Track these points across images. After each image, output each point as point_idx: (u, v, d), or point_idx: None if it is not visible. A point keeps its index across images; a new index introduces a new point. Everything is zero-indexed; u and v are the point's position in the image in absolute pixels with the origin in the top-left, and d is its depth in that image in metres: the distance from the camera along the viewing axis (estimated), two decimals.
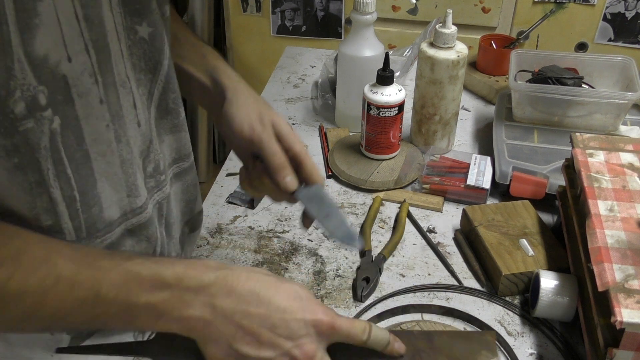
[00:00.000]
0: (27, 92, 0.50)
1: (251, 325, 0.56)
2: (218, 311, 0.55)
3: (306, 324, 0.57)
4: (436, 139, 1.16)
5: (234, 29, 2.20)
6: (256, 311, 0.56)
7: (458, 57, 1.08)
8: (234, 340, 0.55)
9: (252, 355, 0.56)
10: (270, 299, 0.57)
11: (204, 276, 0.56)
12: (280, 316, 0.57)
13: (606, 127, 1.13)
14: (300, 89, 1.42)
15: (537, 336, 0.83)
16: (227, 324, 0.55)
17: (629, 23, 1.93)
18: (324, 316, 0.58)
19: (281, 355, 0.56)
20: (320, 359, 0.58)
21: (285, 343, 0.56)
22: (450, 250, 0.97)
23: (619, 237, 0.75)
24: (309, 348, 0.57)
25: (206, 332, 0.55)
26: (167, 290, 0.54)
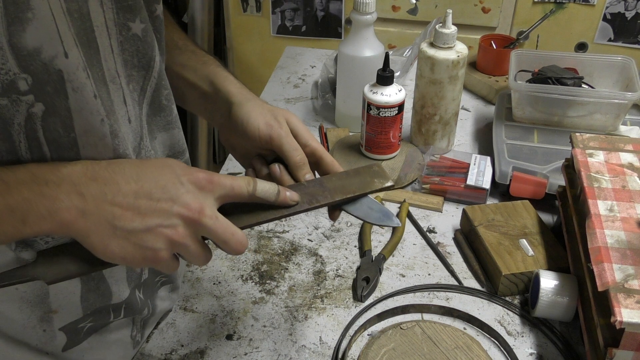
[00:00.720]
0: (5, 76, 0.50)
1: (126, 200, 0.54)
2: (88, 197, 0.53)
3: (182, 183, 0.56)
4: (436, 139, 1.16)
5: (234, 29, 2.20)
6: (127, 187, 0.54)
7: (458, 57, 1.08)
8: (115, 220, 0.53)
9: (139, 228, 0.54)
10: (137, 173, 0.55)
11: (62, 168, 0.54)
12: (154, 183, 0.55)
13: (606, 127, 1.13)
14: (300, 89, 1.42)
15: (537, 336, 0.83)
16: (101, 207, 0.53)
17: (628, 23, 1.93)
18: (201, 173, 0.57)
19: (167, 217, 0.55)
20: (211, 213, 0.56)
21: (166, 205, 0.55)
22: (450, 250, 0.97)
23: (618, 237, 0.75)
24: (195, 203, 0.55)
25: (83, 221, 0.53)
26: (24, 187, 0.51)
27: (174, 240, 0.55)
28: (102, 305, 0.68)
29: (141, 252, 0.54)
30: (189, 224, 0.55)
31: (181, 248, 0.56)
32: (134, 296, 0.72)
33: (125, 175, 0.55)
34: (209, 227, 0.56)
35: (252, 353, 0.80)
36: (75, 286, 0.65)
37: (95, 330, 0.70)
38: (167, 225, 0.55)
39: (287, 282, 0.90)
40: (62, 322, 0.66)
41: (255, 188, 0.59)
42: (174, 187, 0.55)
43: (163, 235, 0.55)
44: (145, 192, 0.54)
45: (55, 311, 0.65)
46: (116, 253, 0.54)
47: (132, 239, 0.54)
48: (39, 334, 0.66)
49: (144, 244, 0.54)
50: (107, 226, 0.53)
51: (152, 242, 0.54)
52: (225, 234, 0.57)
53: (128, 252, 0.54)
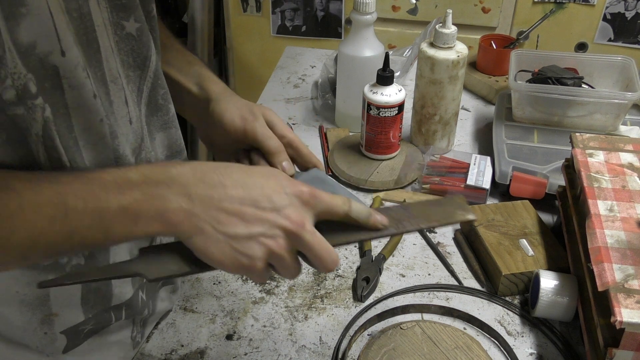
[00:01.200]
0: (18, 81, 0.51)
1: (232, 205, 0.54)
2: (195, 199, 0.54)
3: (288, 195, 0.56)
4: (436, 139, 1.16)
5: (234, 29, 2.20)
6: (234, 191, 0.55)
7: (458, 57, 1.08)
8: (219, 225, 0.54)
9: (242, 234, 0.54)
10: (245, 179, 0.56)
11: (171, 169, 0.55)
12: (260, 191, 0.55)
13: (606, 127, 1.13)
14: (300, 89, 1.42)
15: (537, 336, 0.83)
16: (207, 209, 0.54)
17: (628, 23, 1.93)
18: (304, 187, 0.57)
19: (270, 227, 0.55)
20: (311, 228, 0.57)
21: (271, 215, 0.55)
22: (450, 250, 0.97)
23: (618, 237, 0.75)
24: (297, 216, 0.56)
25: (188, 223, 0.54)
26: (136, 189, 0.53)
27: (273, 251, 0.55)
28: (103, 308, 0.68)
29: (239, 259, 0.55)
30: (290, 236, 0.56)
31: (277, 259, 0.56)
32: (136, 297, 0.72)
33: (233, 180, 0.56)
34: (307, 242, 0.56)
35: (252, 353, 0.80)
36: (75, 288, 0.65)
37: (95, 332, 0.70)
38: (269, 235, 0.55)
39: (287, 282, 0.90)
40: (64, 326, 0.66)
41: (350, 208, 0.59)
42: (279, 197, 0.56)
43: (263, 245, 0.55)
44: (251, 199, 0.55)
45: (56, 314, 0.65)
46: (215, 256, 0.55)
47: (233, 245, 0.54)
48: (40, 337, 0.66)
49: (243, 250, 0.55)
50: (211, 230, 0.54)
51: (252, 250, 0.55)
52: (321, 250, 0.57)
53: (227, 257, 0.55)
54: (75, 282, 0.60)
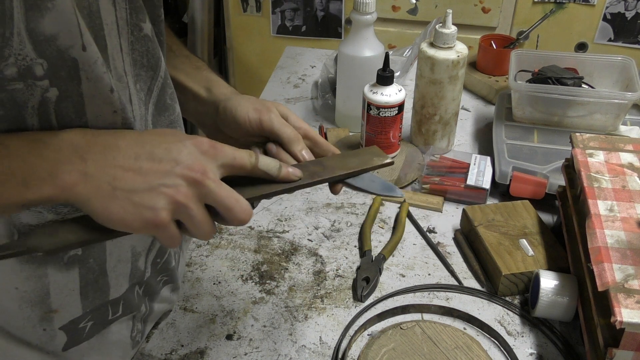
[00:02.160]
0: (23, 62, 0.51)
1: (127, 161, 0.53)
2: (88, 160, 0.52)
3: (185, 145, 0.55)
4: (436, 139, 1.16)
5: (234, 29, 2.20)
6: (128, 149, 0.54)
7: (458, 57, 1.08)
8: (115, 181, 0.52)
9: (140, 188, 0.53)
10: (139, 137, 0.55)
11: (62, 133, 0.53)
12: (157, 146, 0.54)
13: (606, 127, 1.13)
14: (300, 89, 1.42)
15: (537, 336, 0.83)
16: (102, 168, 0.52)
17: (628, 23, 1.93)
18: (204, 139, 0.56)
19: (170, 177, 0.53)
20: (214, 177, 0.55)
21: (169, 165, 0.53)
22: (450, 250, 0.97)
23: (618, 237, 0.75)
24: (197, 164, 0.54)
25: (84, 184, 0.52)
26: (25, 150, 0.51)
27: (176, 200, 0.53)
28: (101, 302, 0.68)
29: (142, 212, 0.53)
30: (192, 185, 0.54)
31: (183, 211, 0.54)
32: (131, 292, 0.72)
33: (127, 139, 0.54)
34: (212, 190, 0.54)
35: (252, 353, 0.80)
36: (74, 282, 0.65)
37: (97, 331, 0.70)
38: (170, 185, 0.53)
39: (287, 282, 0.90)
40: (62, 321, 0.66)
41: (257, 160, 0.58)
42: (176, 148, 0.54)
43: (165, 195, 0.53)
44: (147, 153, 0.54)
45: (56, 311, 0.65)
46: (115, 215, 0.53)
47: (133, 199, 0.52)
48: (40, 333, 0.66)
49: (144, 203, 0.53)
50: (108, 188, 0.52)
51: (153, 201, 0.53)
52: (230, 199, 0.55)
53: (128, 213, 0.53)
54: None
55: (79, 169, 0.52)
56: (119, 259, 0.68)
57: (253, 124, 0.70)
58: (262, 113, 0.70)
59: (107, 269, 0.67)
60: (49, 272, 0.63)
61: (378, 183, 0.68)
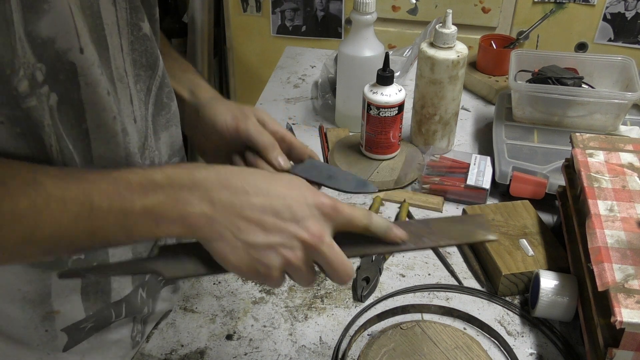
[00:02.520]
0: (28, 70, 0.51)
1: (253, 213, 0.55)
2: (217, 204, 0.54)
3: (309, 206, 0.56)
4: (436, 139, 1.16)
5: (234, 29, 2.20)
6: (256, 200, 0.55)
7: (458, 57, 1.08)
8: (238, 232, 0.54)
9: (260, 243, 0.55)
10: (268, 187, 0.56)
11: (196, 173, 0.55)
12: (282, 201, 0.56)
13: (606, 127, 1.13)
14: (300, 89, 1.42)
15: (537, 336, 0.83)
16: (228, 216, 0.54)
17: (628, 23, 1.93)
18: (326, 199, 0.58)
19: (289, 238, 0.55)
20: (329, 241, 0.57)
21: (290, 226, 0.55)
22: (450, 250, 0.97)
23: (618, 237, 0.75)
24: (316, 228, 0.56)
25: (209, 228, 0.54)
26: (160, 191, 0.53)
27: (290, 262, 0.55)
28: (104, 305, 0.68)
29: (256, 266, 0.55)
30: (307, 248, 0.56)
31: (294, 270, 0.56)
32: (135, 294, 0.72)
33: (256, 188, 0.56)
34: (325, 255, 0.56)
35: (252, 353, 0.80)
36: (75, 282, 0.65)
37: (96, 329, 0.70)
38: (288, 246, 0.55)
39: (287, 282, 0.90)
40: (64, 323, 0.66)
41: (370, 222, 0.59)
42: (300, 208, 0.56)
43: (281, 255, 0.55)
44: (272, 208, 0.55)
45: (57, 311, 0.65)
46: (233, 262, 0.55)
47: (251, 253, 0.55)
48: (41, 334, 0.66)
49: (261, 259, 0.55)
50: (231, 236, 0.54)
51: (269, 260, 0.55)
52: (337, 263, 0.57)
53: (244, 264, 0.55)
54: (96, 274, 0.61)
55: (208, 213, 0.54)
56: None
57: (231, 131, 0.71)
58: (239, 121, 0.71)
59: None
60: (53, 276, 0.63)
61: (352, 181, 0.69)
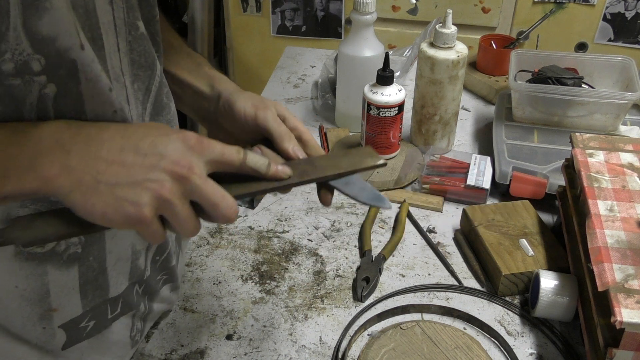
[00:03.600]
0: (19, 57, 0.50)
1: (111, 154, 0.51)
2: (71, 151, 0.51)
3: (171, 139, 0.53)
4: (436, 139, 1.16)
5: (234, 29, 2.20)
6: (114, 142, 0.52)
7: (458, 57, 1.08)
8: (98, 174, 0.51)
9: (124, 181, 0.51)
10: (124, 129, 0.53)
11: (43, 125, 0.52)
12: (142, 139, 0.53)
13: (606, 127, 1.13)
14: (300, 89, 1.42)
15: (537, 336, 0.83)
16: (85, 160, 0.51)
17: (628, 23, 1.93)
18: (191, 134, 0.54)
19: (154, 171, 0.52)
20: (200, 172, 0.53)
21: (154, 159, 0.52)
22: (450, 250, 0.97)
23: (618, 237, 0.75)
24: (183, 159, 0.52)
25: (66, 176, 0.51)
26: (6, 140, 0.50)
27: (160, 196, 0.51)
28: (101, 300, 0.68)
29: (124, 207, 0.51)
30: (177, 180, 0.52)
31: (167, 207, 0.53)
32: (130, 291, 0.72)
33: (111, 131, 0.53)
34: (198, 187, 0.53)
35: (252, 353, 0.80)
36: (73, 280, 0.65)
37: (98, 331, 0.70)
38: (154, 180, 0.51)
39: (287, 282, 0.90)
40: (62, 320, 0.66)
41: (245, 157, 0.57)
42: (162, 142, 0.53)
43: (149, 190, 0.51)
44: (132, 146, 0.52)
45: (55, 309, 0.65)
46: (97, 209, 0.51)
47: (116, 192, 0.51)
48: (39, 332, 0.66)
49: (127, 197, 0.51)
50: (91, 180, 0.51)
51: (136, 196, 0.51)
52: (215, 195, 0.53)
53: (110, 207, 0.51)
54: None
55: (61, 160, 0.51)
56: (119, 257, 0.68)
57: (248, 119, 0.70)
58: (259, 109, 0.69)
59: (106, 267, 0.67)
60: (49, 271, 0.63)
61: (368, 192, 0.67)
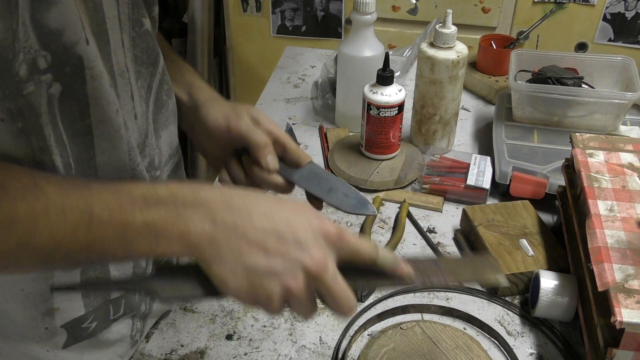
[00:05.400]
0: (28, 55, 0.51)
1: (256, 235, 0.53)
2: (220, 225, 0.53)
3: (314, 233, 0.54)
4: (436, 139, 1.16)
5: (234, 29, 2.20)
6: (259, 222, 0.53)
7: (458, 57, 1.08)
8: (240, 254, 0.52)
9: (262, 267, 0.53)
10: (273, 211, 0.54)
11: (201, 192, 0.54)
12: (286, 225, 0.54)
13: (606, 127, 1.13)
14: (300, 89, 1.42)
15: (537, 336, 0.83)
16: (231, 238, 0.53)
17: (628, 23, 1.93)
18: (332, 226, 0.55)
19: (292, 264, 0.53)
20: (333, 270, 0.54)
21: (294, 251, 0.53)
22: (450, 250, 0.97)
23: (618, 237, 0.75)
24: (320, 256, 0.53)
25: (210, 248, 0.53)
26: (163, 207, 0.52)
27: (291, 291, 0.53)
28: (103, 301, 0.68)
29: (256, 293, 0.53)
30: (310, 276, 0.54)
31: (294, 299, 0.54)
32: None
33: (260, 210, 0.54)
34: (328, 285, 0.54)
35: (252, 353, 0.80)
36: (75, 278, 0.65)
37: (99, 331, 0.70)
38: (290, 273, 0.53)
39: None
40: (64, 319, 0.66)
41: (377, 255, 0.57)
42: (304, 234, 0.54)
43: (283, 283, 0.53)
44: (275, 232, 0.53)
45: (58, 309, 0.65)
46: (232, 286, 0.53)
47: (252, 278, 0.53)
48: (41, 331, 0.66)
49: (261, 285, 0.53)
50: (232, 258, 0.53)
51: (270, 287, 0.53)
52: (340, 295, 0.55)
53: (243, 289, 0.53)
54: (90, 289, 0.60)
55: (209, 233, 0.52)
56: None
57: (222, 130, 0.70)
58: (231, 119, 0.70)
59: (109, 268, 0.67)
60: (55, 274, 0.63)
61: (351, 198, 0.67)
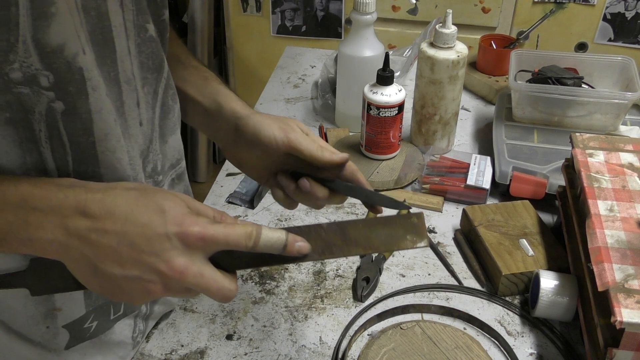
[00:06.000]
0: (28, 69, 0.51)
1: (109, 243, 0.52)
2: (72, 233, 0.52)
3: (169, 238, 0.53)
4: (436, 139, 1.16)
5: (234, 29, 2.20)
6: (112, 228, 0.52)
7: (458, 57, 1.08)
8: (97, 261, 0.52)
9: (117, 275, 0.52)
10: (127, 215, 0.53)
11: (52, 196, 0.53)
12: (140, 231, 0.52)
13: (606, 127, 1.13)
14: (300, 89, 1.42)
15: (537, 336, 0.83)
16: (84, 245, 0.52)
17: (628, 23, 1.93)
18: (191, 227, 0.53)
19: (147, 272, 0.52)
20: (197, 272, 0.53)
21: (148, 258, 0.52)
22: (450, 250, 0.97)
23: (618, 237, 0.75)
24: (178, 262, 0.52)
25: (64, 254, 0.53)
26: (10, 210, 0.52)
27: (154, 292, 0.54)
28: (104, 301, 0.69)
29: (119, 295, 0.55)
30: (169, 282, 0.53)
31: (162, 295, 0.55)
32: None
33: (115, 215, 0.53)
34: (192, 284, 0.54)
35: (252, 353, 0.80)
36: None
37: (101, 331, 0.70)
38: (146, 280, 0.53)
39: (287, 282, 0.90)
40: (66, 320, 0.66)
41: (256, 243, 0.55)
42: (159, 241, 0.53)
43: (141, 287, 0.53)
44: (129, 240, 0.52)
45: (60, 309, 0.65)
46: (95, 288, 0.55)
47: (109, 282, 0.54)
48: (43, 331, 0.66)
49: (120, 288, 0.54)
50: (88, 265, 0.53)
51: (130, 290, 0.54)
52: (210, 289, 0.54)
53: (108, 291, 0.55)
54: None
55: (60, 240, 0.53)
56: None
57: (280, 144, 0.68)
58: (288, 132, 0.68)
59: None
60: None
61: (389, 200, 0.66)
